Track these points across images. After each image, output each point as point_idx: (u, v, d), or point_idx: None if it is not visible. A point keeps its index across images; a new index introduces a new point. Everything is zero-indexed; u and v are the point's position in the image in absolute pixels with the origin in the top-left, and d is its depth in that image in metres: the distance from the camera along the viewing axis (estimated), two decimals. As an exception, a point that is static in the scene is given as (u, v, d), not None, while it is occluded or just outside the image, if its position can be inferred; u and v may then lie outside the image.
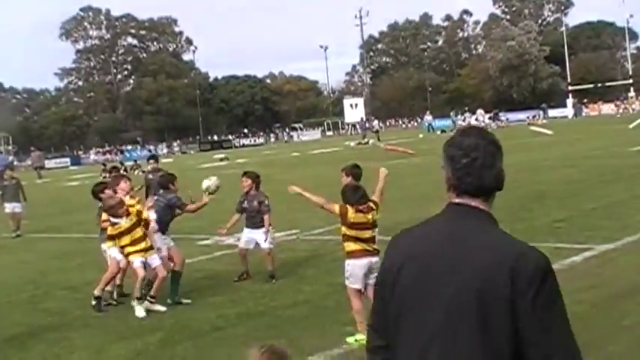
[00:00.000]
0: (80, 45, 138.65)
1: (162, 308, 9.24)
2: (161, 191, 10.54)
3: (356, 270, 7.45)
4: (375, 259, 7.31)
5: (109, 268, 9.60)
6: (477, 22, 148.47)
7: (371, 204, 7.71)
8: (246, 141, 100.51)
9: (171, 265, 9.82)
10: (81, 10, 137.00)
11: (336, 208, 7.66)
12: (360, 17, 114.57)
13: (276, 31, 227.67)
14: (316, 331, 7.74)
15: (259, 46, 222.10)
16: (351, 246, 7.54)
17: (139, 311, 9.03)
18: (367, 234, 7.53)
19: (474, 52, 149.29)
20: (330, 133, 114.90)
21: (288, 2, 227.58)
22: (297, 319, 8.31)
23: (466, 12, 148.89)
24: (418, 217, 11.22)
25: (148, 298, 9.29)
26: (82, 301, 10.23)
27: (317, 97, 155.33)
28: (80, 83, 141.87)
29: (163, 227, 10.00)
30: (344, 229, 7.57)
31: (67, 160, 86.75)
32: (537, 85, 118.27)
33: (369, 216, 7.60)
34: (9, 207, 19.61)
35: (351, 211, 7.48)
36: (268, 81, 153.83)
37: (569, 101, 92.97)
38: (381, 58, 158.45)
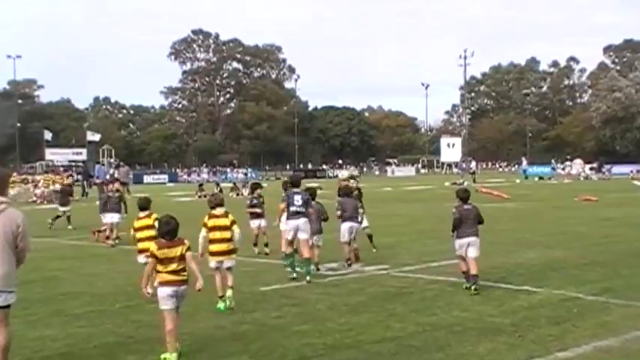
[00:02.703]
0: (187, 66, 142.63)
1: None
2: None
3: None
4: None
5: None
6: (583, 70, 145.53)
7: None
8: (340, 172, 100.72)
9: None
10: (192, 32, 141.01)
11: None
12: (465, 57, 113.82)
13: (378, 64, 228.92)
14: (402, 370, 7.62)
15: (360, 79, 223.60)
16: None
17: None
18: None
19: (578, 100, 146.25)
20: (424, 170, 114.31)
21: (392, 37, 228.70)
22: (384, 355, 8.20)
23: (573, 59, 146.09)
24: (517, 262, 11.11)
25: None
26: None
27: (414, 133, 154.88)
28: (184, 103, 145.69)
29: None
30: None
31: (165, 176, 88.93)
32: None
33: None
34: (108, 217, 20.44)
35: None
36: (366, 114, 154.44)
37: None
38: (482, 100, 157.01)
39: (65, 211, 25.66)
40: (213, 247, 11.11)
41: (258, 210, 17.19)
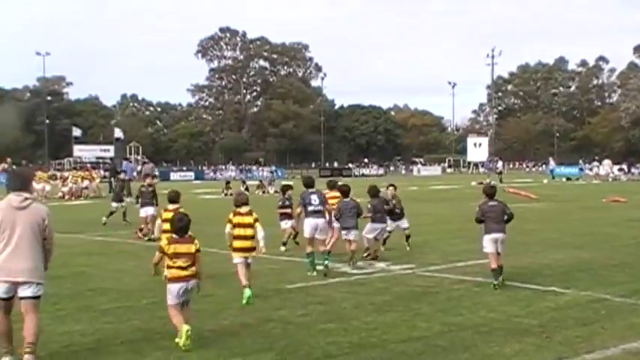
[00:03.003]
0: (214, 64, 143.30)
1: None
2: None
3: None
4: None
5: None
6: (612, 70, 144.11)
7: None
8: (366, 171, 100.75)
9: None
10: (220, 30, 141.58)
11: None
12: (492, 56, 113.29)
13: (405, 63, 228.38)
14: (428, 370, 7.60)
15: (386, 77, 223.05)
16: None
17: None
18: None
19: (607, 100, 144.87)
20: (450, 170, 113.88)
21: (419, 36, 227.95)
22: (409, 355, 8.18)
23: (602, 59, 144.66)
24: (540, 263, 11.03)
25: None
26: (198, 312, 10.43)
27: (440, 132, 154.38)
28: (210, 100, 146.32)
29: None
30: None
31: (192, 174, 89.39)
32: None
33: None
34: (143, 212, 20.98)
35: None
36: (393, 113, 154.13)
37: None
38: (509, 100, 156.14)
39: (118, 206, 25.74)
40: (237, 244, 11.53)
41: (288, 210, 17.47)
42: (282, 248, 17.06)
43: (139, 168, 56.92)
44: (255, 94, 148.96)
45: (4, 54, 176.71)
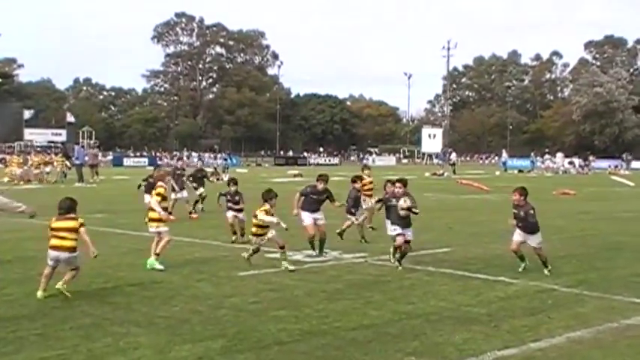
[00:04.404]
0: (170, 49, 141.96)
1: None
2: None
3: None
4: None
5: None
6: (565, 65, 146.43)
7: None
8: (321, 160, 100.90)
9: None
10: (175, 15, 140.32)
11: None
12: (448, 48, 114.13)
13: (362, 53, 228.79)
14: (378, 357, 7.66)
15: (343, 67, 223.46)
16: None
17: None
18: None
19: (559, 94, 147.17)
20: (405, 160, 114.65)
21: (376, 27, 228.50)
22: (360, 342, 8.23)
23: (556, 54, 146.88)
24: (491, 254, 11.19)
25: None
26: (149, 299, 10.38)
27: (396, 123, 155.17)
28: (166, 86, 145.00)
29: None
30: None
31: (145, 160, 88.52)
32: (622, 135, 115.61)
33: None
34: (178, 194, 22.18)
35: None
36: (349, 103, 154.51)
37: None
38: (464, 92, 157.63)
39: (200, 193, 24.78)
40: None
41: (239, 206, 16.88)
42: (233, 238, 16.79)
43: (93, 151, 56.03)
44: (211, 80, 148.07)
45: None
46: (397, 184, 13.80)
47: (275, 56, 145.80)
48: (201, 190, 23.45)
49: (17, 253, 14.69)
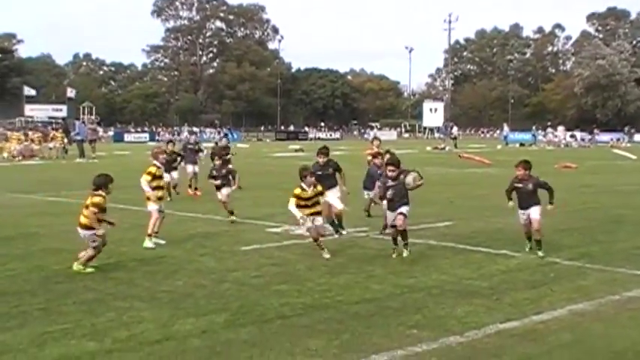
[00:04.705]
0: (170, 24, 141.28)
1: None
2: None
3: None
4: None
5: None
6: (568, 38, 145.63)
7: None
8: (322, 134, 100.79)
9: None
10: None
11: None
12: (450, 22, 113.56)
13: (363, 27, 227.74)
14: (381, 330, 7.68)
15: (344, 41, 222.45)
16: None
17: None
18: None
19: (561, 67, 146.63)
20: (406, 135, 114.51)
21: (377, 0, 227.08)
22: (362, 316, 8.26)
23: (559, 26, 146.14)
24: (493, 227, 11.18)
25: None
26: (152, 274, 10.41)
27: (397, 97, 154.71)
28: (166, 61, 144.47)
29: None
30: None
31: (146, 135, 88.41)
32: (624, 108, 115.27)
33: None
34: (189, 168, 22.69)
35: None
36: (350, 77, 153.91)
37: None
38: (465, 66, 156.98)
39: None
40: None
41: (218, 182, 16.41)
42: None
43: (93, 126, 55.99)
44: (211, 55, 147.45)
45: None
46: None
47: (275, 30, 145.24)
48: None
49: (20, 230, 14.72)
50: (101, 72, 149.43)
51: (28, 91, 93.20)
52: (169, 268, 10.86)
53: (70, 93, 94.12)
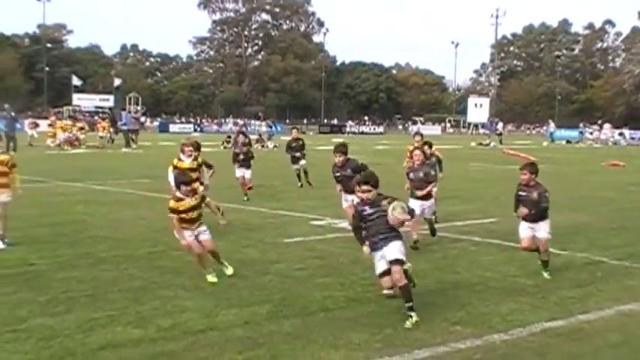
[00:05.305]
0: (216, 16, 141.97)
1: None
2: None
3: None
4: None
5: None
6: (618, 34, 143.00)
7: None
8: (365, 128, 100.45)
9: None
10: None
11: None
12: (497, 16, 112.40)
13: (408, 21, 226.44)
14: (423, 326, 7.64)
15: (389, 35, 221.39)
16: None
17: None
18: None
19: (610, 64, 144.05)
20: (450, 130, 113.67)
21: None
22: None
23: (609, 22, 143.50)
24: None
25: None
26: (193, 264, 10.49)
27: (441, 92, 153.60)
28: (211, 53, 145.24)
29: None
30: None
31: (191, 126, 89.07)
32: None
33: None
34: (239, 172, 19.26)
35: None
36: (394, 71, 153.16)
37: None
38: (512, 61, 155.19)
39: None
40: None
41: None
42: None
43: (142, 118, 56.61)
44: (256, 47, 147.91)
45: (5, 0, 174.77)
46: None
47: (320, 23, 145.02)
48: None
49: (67, 217, 14.94)
50: (147, 63, 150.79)
51: (76, 80, 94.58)
52: (213, 259, 10.93)
53: (117, 82, 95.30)
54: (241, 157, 19.28)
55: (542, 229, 10.18)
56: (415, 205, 11.29)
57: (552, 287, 9.45)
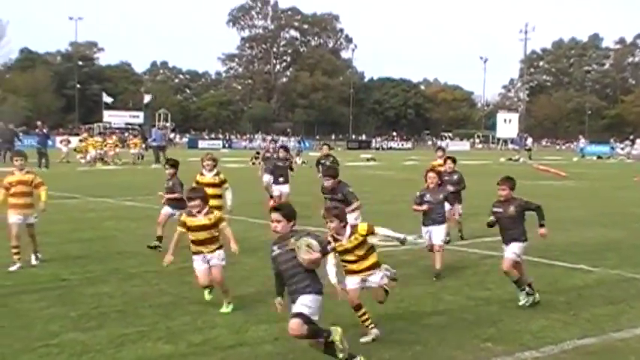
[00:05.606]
0: (245, 33, 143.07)
1: None
2: None
3: None
4: None
5: None
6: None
7: None
8: (394, 144, 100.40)
9: None
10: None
11: None
12: (526, 32, 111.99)
13: (436, 36, 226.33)
14: (453, 343, 7.59)
15: (417, 50, 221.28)
16: None
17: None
18: None
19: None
20: (479, 146, 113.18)
21: (452, 10, 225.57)
22: (435, 327, 8.18)
23: None
24: (569, 241, 10.85)
25: None
26: (226, 279, 10.51)
27: (470, 108, 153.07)
28: (240, 70, 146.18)
29: None
30: None
31: (220, 142, 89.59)
32: None
33: None
34: (276, 189, 18.65)
35: None
36: (423, 87, 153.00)
37: None
38: (541, 76, 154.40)
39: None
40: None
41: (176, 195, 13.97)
42: None
43: (171, 135, 57.04)
44: (284, 64, 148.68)
45: (38, 18, 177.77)
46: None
47: (349, 40, 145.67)
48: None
49: (98, 232, 15.08)
50: (177, 80, 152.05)
51: (107, 98, 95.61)
52: (242, 274, 10.96)
53: (147, 98, 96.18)
54: (280, 171, 18.64)
55: (510, 249, 9.62)
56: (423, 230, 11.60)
57: (584, 304, 9.35)
